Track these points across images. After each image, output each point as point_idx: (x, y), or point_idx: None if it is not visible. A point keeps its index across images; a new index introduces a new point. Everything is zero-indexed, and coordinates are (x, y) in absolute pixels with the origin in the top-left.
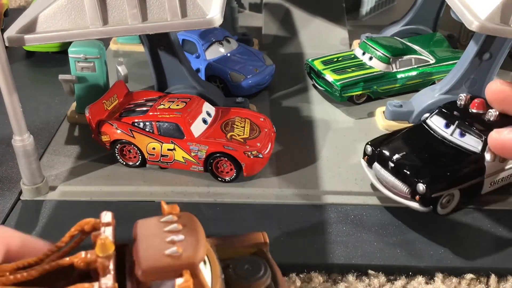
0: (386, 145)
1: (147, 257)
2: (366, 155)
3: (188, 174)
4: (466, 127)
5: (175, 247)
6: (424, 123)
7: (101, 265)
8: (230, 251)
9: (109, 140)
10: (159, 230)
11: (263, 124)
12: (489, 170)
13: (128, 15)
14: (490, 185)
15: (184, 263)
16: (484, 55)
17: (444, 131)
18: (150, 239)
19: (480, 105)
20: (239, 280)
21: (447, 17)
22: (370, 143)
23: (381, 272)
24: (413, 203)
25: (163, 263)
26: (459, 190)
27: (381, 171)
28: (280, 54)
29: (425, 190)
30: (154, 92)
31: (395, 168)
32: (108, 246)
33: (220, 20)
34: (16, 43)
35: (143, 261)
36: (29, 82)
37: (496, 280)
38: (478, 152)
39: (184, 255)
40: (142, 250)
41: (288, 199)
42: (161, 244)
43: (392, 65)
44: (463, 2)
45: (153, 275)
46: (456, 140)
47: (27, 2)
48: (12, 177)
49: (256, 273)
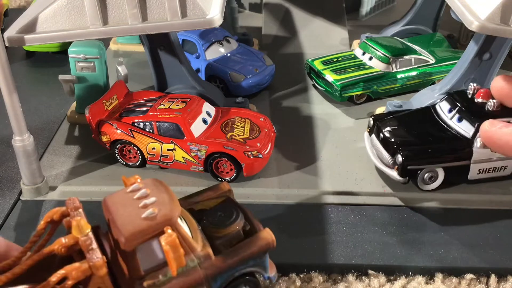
0: (385, 120)
1: (126, 225)
2: (368, 127)
3: (188, 174)
4: (463, 113)
5: (150, 209)
6: (432, 107)
7: (83, 243)
8: (199, 206)
9: (109, 140)
10: (129, 199)
11: (263, 124)
12: (477, 156)
13: (128, 15)
14: (479, 172)
15: (163, 220)
16: (484, 55)
17: (446, 115)
18: (124, 209)
19: (485, 95)
20: (216, 227)
21: (447, 17)
22: (373, 116)
23: (381, 272)
24: (393, 172)
25: (143, 226)
26: (442, 169)
27: (374, 140)
28: (280, 54)
29: (402, 161)
30: (154, 92)
31: (384, 139)
32: (84, 226)
33: (220, 20)
34: (16, 43)
35: (124, 230)
36: (29, 82)
37: (496, 280)
38: (469, 137)
39: (160, 213)
40: (119, 220)
41: (288, 199)
42: (136, 210)
43: (392, 65)
44: (463, 2)
45: (136, 240)
46: (453, 124)
47: (27, 2)
48: (12, 177)
49: (229, 217)
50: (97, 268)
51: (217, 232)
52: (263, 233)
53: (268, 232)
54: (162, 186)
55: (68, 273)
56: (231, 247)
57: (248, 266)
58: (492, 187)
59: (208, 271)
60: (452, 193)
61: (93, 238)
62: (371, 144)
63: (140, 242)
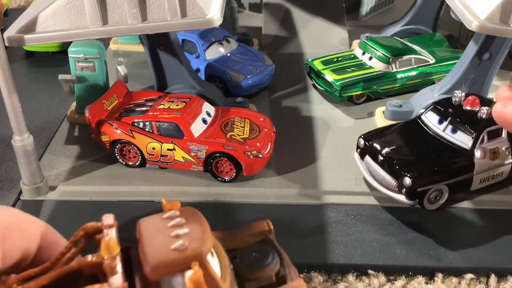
0: (378, 139)
1: (154, 254)
2: (359, 148)
3: (188, 174)
4: (458, 123)
5: (181, 241)
6: (419, 119)
7: (108, 266)
8: (235, 242)
9: (109, 140)
10: (163, 226)
11: (263, 124)
12: (479, 167)
13: (128, 15)
14: (480, 182)
15: (192, 254)
16: (484, 55)
17: (437, 127)
18: (155, 236)
19: (473, 102)
20: (248, 268)
21: (447, 17)
22: (363, 136)
23: (381, 272)
24: (400, 196)
25: (171, 257)
26: (447, 186)
27: (371, 163)
28: (280, 54)
29: (411, 183)
30: (154, 92)
31: (384, 161)
32: (113, 247)
33: (220, 20)
34: (16, 43)
35: (151, 258)
36: (29, 82)
37: (496, 280)
38: (468, 149)
39: (191, 247)
40: (148, 247)
41: (288, 199)
42: (166, 239)
43: (392, 65)
44: (463, 2)
45: (162, 271)
46: (448, 136)
47: (27, 2)
48: (12, 177)
49: (264, 260)
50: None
51: (249, 273)
52: (296, 283)
53: (302, 283)
54: (198, 218)
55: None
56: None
57: None
58: (492, 187)
59: None
60: None
61: (119, 261)
62: (366, 167)
63: (165, 274)
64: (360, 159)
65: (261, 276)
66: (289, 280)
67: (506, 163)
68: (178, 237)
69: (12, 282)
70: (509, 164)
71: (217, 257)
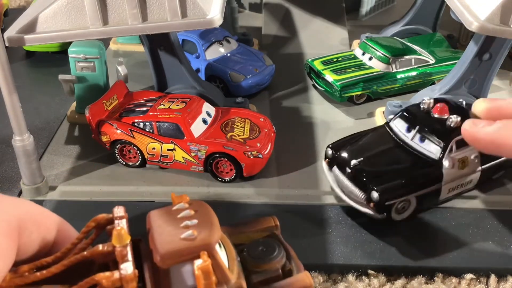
0: (346, 149)
1: (164, 243)
2: (327, 158)
3: (188, 174)
4: (426, 132)
5: (190, 231)
6: (387, 126)
7: (119, 253)
8: (242, 237)
9: (109, 140)
10: (172, 217)
11: (263, 124)
12: (447, 177)
13: (128, 15)
14: (449, 191)
15: (200, 244)
16: (484, 56)
17: (405, 135)
18: (165, 226)
19: (442, 110)
20: (255, 261)
21: (447, 17)
22: (331, 146)
23: (381, 272)
24: (368, 209)
25: (180, 247)
26: (415, 197)
27: (339, 175)
28: (280, 54)
29: (379, 198)
30: (154, 92)
31: (352, 174)
32: (124, 236)
33: (220, 20)
34: (16, 43)
35: (160, 247)
36: (29, 82)
37: (496, 280)
38: (437, 159)
39: (200, 237)
40: (158, 237)
41: (288, 199)
42: (176, 230)
43: (392, 65)
44: (462, 2)
45: (171, 259)
46: (416, 146)
47: (27, 2)
48: (12, 177)
49: (270, 253)
50: (127, 281)
51: (256, 266)
52: (302, 276)
53: (307, 276)
54: (207, 209)
55: (99, 280)
56: (267, 285)
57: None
58: (492, 187)
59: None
60: None
61: (129, 250)
62: (334, 178)
63: (175, 262)
64: (328, 169)
65: (267, 269)
66: (295, 273)
67: (475, 171)
68: (188, 227)
69: (24, 271)
70: (478, 172)
71: (225, 250)
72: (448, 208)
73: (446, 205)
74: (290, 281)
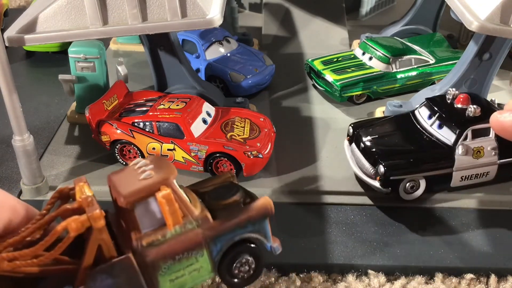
0: (365, 128)
1: (125, 186)
2: (348, 136)
3: (188, 174)
4: (444, 119)
5: (147, 172)
6: (412, 113)
7: (84, 200)
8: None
9: (109, 140)
10: (130, 169)
11: (263, 124)
12: (459, 163)
13: (128, 15)
14: (461, 179)
15: (159, 180)
16: (484, 55)
17: (426, 122)
18: (124, 177)
19: (464, 100)
20: (216, 200)
21: (447, 17)
22: (352, 125)
23: (381, 272)
24: (375, 183)
25: (140, 185)
26: (424, 178)
27: (355, 150)
28: (280, 54)
29: (384, 172)
30: (154, 92)
31: (365, 149)
32: (86, 188)
33: (220, 20)
34: (16, 43)
35: (122, 190)
36: (29, 82)
37: (496, 280)
38: (450, 144)
39: (157, 175)
40: (119, 184)
41: (288, 199)
42: (135, 176)
43: (392, 65)
44: (463, 2)
45: (134, 197)
46: (433, 131)
47: (27, 2)
48: (12, 177)
49: (229, 191)
50: (95, 219)
51: (217, 204)
52: (261, 199)
53: (266, 198)
54: (162, 158)
55: (68, 224)
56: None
57: (247, 231)
58: (492, 187)
59: (206, 233)
60: (452, 193)
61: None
62: (351, 153)
63: (138, 200)
64: (348, 145)
65: (229, 204)
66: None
67: (492, 163)
68: (145, 171)
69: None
70: (495, 164)
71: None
72: (448, 208)
73: (446, 205)
74: (251, 204)
